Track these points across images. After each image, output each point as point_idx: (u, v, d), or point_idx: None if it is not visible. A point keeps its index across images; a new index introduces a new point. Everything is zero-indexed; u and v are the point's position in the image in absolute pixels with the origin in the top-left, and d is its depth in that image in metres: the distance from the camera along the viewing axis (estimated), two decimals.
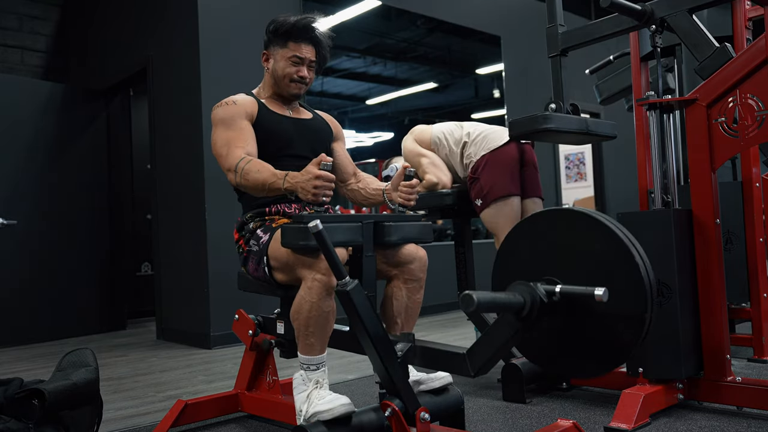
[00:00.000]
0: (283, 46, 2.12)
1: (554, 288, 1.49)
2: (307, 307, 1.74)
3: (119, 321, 5.18)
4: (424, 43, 6.33)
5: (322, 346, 1.79)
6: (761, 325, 2.75)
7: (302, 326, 1.77)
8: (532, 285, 1.49)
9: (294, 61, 2.12)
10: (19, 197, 4.62)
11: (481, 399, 2.45)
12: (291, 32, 2.11)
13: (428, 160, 2.86)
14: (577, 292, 1.46)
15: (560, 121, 2.26)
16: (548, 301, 1.48)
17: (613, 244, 1.52)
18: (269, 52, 2.17)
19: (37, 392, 1.79)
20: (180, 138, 4.37)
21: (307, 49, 2.13)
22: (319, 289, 1.73)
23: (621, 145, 5.49)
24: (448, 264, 3.34)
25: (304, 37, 2.12)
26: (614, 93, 3.57)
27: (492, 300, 1.45)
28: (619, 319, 1.49)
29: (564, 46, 2.40)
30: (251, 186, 1.90)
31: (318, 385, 1.76)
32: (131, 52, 4.91)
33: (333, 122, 2.35)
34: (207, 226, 4.03)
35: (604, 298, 1.38)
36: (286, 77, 2.13)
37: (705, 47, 2.10)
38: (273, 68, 2.15)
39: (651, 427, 2.01)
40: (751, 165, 2.74)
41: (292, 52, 2.11)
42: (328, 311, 1.76)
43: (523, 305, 1.47)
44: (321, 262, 1.72)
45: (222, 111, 2.07)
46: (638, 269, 1.49)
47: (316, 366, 1.78)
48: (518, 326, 1.51)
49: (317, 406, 1.68)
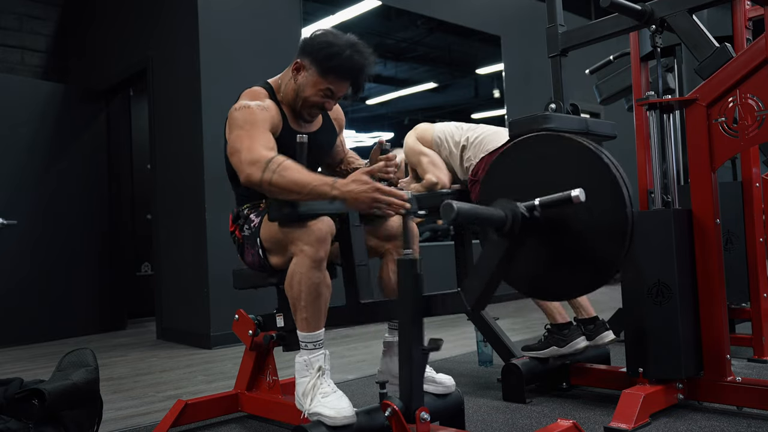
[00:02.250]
0: (323, 74, 1.93)
1: (533, 202, 1.53)
2: (297, 279, 1.75)
3: (119, 321, 5.18)
4: (424, 43, 6.33)
5: (317, 322, 1.79)
6: (761, 325, 2.75)
7: (295, 300, 1.78)
8: (513, 202, 1.52)
9: (326, 94, 1.97)
10: (19, 197, 4.62)
11: (481, 399, 2.45)
12: (338, 69, 1.93)
13: (428, 159, 2.86)
14: (555, 199, 1.50)
15: (560, 121, 2.26)
16: (530, 215, 1.51)
17: (591, 161, 1.59)
18: (304, 65, 1.96)
19: (37, 392, 1.79)
20: (180, 138, 4.37)
21: (343, 87, 1.97)
22: (306, 260, 1.74)
23: (621, 145, 5.49)
24: (448, 264, 3.34)
25: (347, 78, 1.96)
26: (614, 93, 3.57)
27: (473, 210, 1.47)
28: (601, 231, 1.53)
29: (564, 46, 2.40)
30: (287, 185, 1.70)
31: (321, 372, 1.76)
32: (131, 52, 4.92)
33: (339, 115, 2.27)
34: (207, 226, 4.03)
35: (582, 197, 1.45)
36: (308, 103, 1.98)
37: (705, 47, 2.10)
38: (301, 85, 1.97)
39: (651, 427, 2.01)
40: (751, 165, 2.74)
41: (327, 85, 1.94)
42: (318, 282, 1.75)
43: (505, 219, 1.49)
44: (308, 234, 1.73)
45: (244, 114, 1.87)
46: (616, 180, 1.55)
47: (314, 344, 1.78)
48: (504, 245, 1.53)
49: (321, 407, 1.68)
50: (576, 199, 1.44)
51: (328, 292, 1.80)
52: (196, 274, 4.14)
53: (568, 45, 2.40)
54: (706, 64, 2.10)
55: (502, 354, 2.71)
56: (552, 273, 1.67)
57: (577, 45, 2.40)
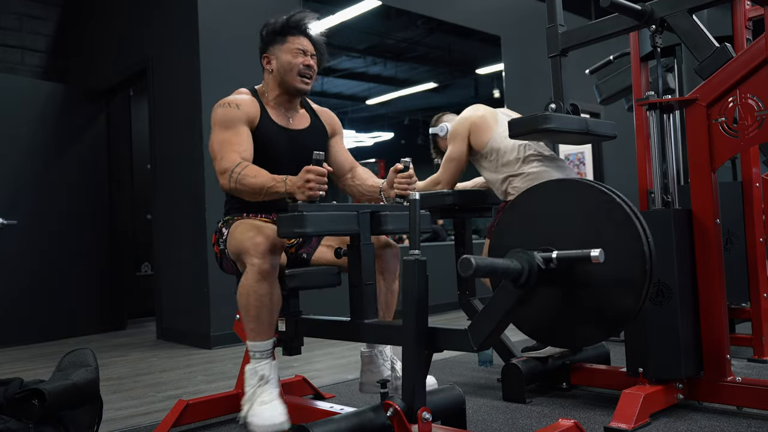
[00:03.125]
0: (283, 42, 2.14)
1: (551, 254, 1.51)
2: (245, 291, 1.81)
3: (119, 321, 5.18)
4: (424, 43, 6.33)
5: (263, 332, 1.84)
6: (761, 325, 2.75)
7: (242, 309, 1.84)
8: (529, 252, 1.51)
9: (298, 52, 2.13)
10: (19, 197, 4.62)
11: (481, 399, 2.45)
12: (287, 27, 2.14)
13: (449, 153, 2.73)
14: (573, 256, 1.48)
15: (560, 121, 2.26)
16: (546, 267, 1.49)
17: (610, 209, 1.54)
18: (269, 54, 2.17)
19: (37, 392, 1.79)
20: (180, 138, 4.37)
21: (306, 42, 2.15)
22: (253, 272, 1.78)
23: (621, 145, 5.49)
24: (448, 264, 3.34)
25: (300, 30, 2.16)
26: (614, 93, 3.57)
27: (491, 265, 1.46)
28: (618, 283, 1.50)
29: (564, 46, 2.40)
30: (248, 190, 1.90)
31: (262, 380, 1.81)
32: (131, 52, 4.91)
33: (331, 119, 2.34)
34: (207, 226, 4.03)
35: (601, 258, 1.40)
36: (293, 69, 2.13)
37: (705, 47, 2.10)
38: (277, 66, 2.15)
39: (651, 427, 2.01)
40: (751, 165, 2.74)
41: (293, 45, 2.13)
42: (263, 294, 1.80)
43: (521, 271, 1.48)
44: (254, 246, 1.78)
45: (222, 113, 2.06)
46: (636, 231, 1.50)
47: (261, 354, 1.84)
48: (517, 294, 1.52)
49: (253, 416, 1.76)
50: (595, 260, 1.40)
51: (275, 304, 1.84)
52: (196, 274, 4.14)
53: (568, 45, 2.40)
54: (706, 64, 2.10)
55: (502, 354, 2.71)
56: (562, 323, 1.64)
57: (577, 45, 2.39)
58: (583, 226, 1.58)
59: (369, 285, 1.88)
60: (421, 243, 1.69)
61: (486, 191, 2.87)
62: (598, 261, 1.41)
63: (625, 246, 1.51)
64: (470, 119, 2.73)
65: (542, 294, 1.58)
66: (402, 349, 1.69)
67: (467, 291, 2.86)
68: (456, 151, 2.73)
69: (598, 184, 1.63)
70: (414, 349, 1.63)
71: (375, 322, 1.87)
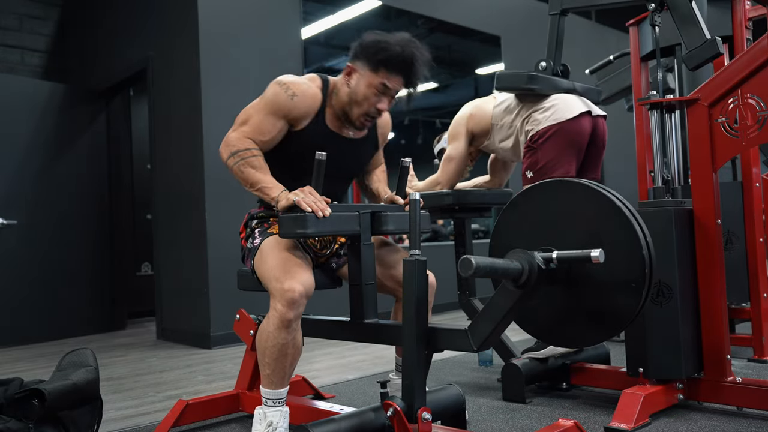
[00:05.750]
0: (374, 70, 1.88)
1: (551, 254, 1.51)
2: (265, 336, 1.75)
3: (119, 321, 5.17)
4: (424, 43, 6.33)
5: (279, 381, 1.78)
6: (761, 325, 2.75)
7: (259, 354, 1.79)
8: (530, 252, 1.51)
9: (379, 90, 1.90)
10: (19, 197, 4.61)
11: (481, 399, 2.45)
12: (389, 62, 1.87)
13: (449, 152, 2.70)
14: (574, 256, 1.48)
15: (546, 83, 2.26)
16: (546, 267, 1.50)
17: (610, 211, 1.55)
18: (356, 68, 1.92)
19: (37, 392, 1.79)
20: (180, 138, 4.37)
21: (397, 81, 1.91)
22: (275, 319, 1.72)
23: (621, 145, 5.48)
24: (448, 264, 3.34)
25: (400, 70, 1.90)
26: (614, 93, 3.58)
27: (491, 265, 1.46)
28: (618, 284, 1.51)
29: (565, 6, 2.40)
30: (241, 178, 1.85)
31: (270, 427, 1.75)
32: (131, 52, 4.91)
33: (386, 129, 2.17)
34: (207, 226, 4.03)
35: (601, 259, 1.41)
36: (362, 105, 1.91)
37: (696, 36, 2.10)
38: (354, 88, 1.91)
39: (651, 427, 2.01)
40: (751, 165, 2.74)
41: (380, 80, 1.88)
42: (284, 343, 1.73)
43: (521, 271, 1.49)
44: (282, 293, 1.71)
45: (275, 93, 1.89)
46: (635, 232, 1.51)
47: (273, 401, 1.78)
48: (517, 294, 1.52)
49: None
50: (595, 260, 1.41)
51: (295, 354, 1.78)
52: (196, 274, 4.14)
53: (568, 5, 2.39)
54: (694, 54, 2.10)
55: (502, 354, 2.71)
56: (563, 322, 1.64)
57: (578, 7, 2.40)
58: (583, 227, 1.59)
59: (369, 285, 1.88)
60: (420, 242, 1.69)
61: (486, 191, 2.86)
62: (598, 261, 1.41)
63: (624, 247, 1.51)
64: (465, 113, 2.74)
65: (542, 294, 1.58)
66: (402, 349, 1.69)
67: (467, 291, 2.86)
68: (455, 150, 2.71)
69: (598, 185, 1.63)
70: (414, 349, 1.64)
71: (375, 322, 1.87)
